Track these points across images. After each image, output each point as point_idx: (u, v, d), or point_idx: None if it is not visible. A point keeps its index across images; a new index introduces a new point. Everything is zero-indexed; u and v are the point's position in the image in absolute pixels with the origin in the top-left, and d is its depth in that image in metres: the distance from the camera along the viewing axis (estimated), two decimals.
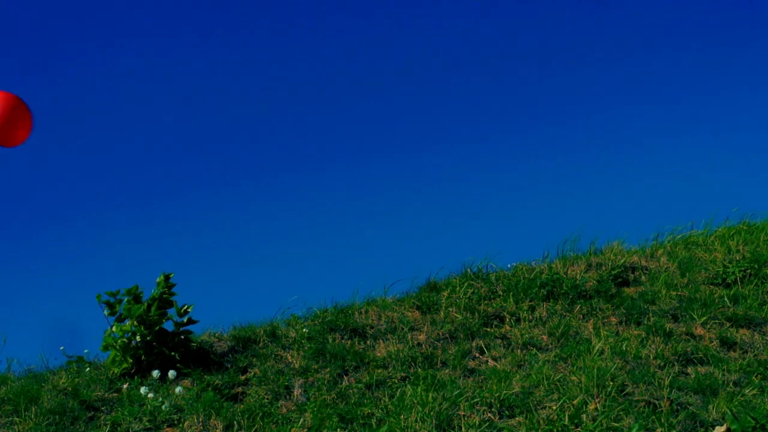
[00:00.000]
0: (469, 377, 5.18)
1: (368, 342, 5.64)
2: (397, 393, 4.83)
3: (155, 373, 5.04)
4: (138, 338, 5.19)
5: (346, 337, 5.68)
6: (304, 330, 5.68)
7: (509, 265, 6.76)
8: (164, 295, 5.33)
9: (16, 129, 6.04)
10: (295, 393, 5.00)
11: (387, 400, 4.78)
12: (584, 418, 4.53)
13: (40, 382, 5.13)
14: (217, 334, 5.78)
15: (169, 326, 5.36)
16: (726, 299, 6.17)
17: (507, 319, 5.92)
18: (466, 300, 6.11)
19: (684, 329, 5.78)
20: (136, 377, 5.13)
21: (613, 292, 6.30)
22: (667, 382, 4.97)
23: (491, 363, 5.37)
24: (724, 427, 4.40)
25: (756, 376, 5.19)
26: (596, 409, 4.63)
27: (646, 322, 5.83)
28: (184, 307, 5.39)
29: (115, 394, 5.01)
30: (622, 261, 6.73)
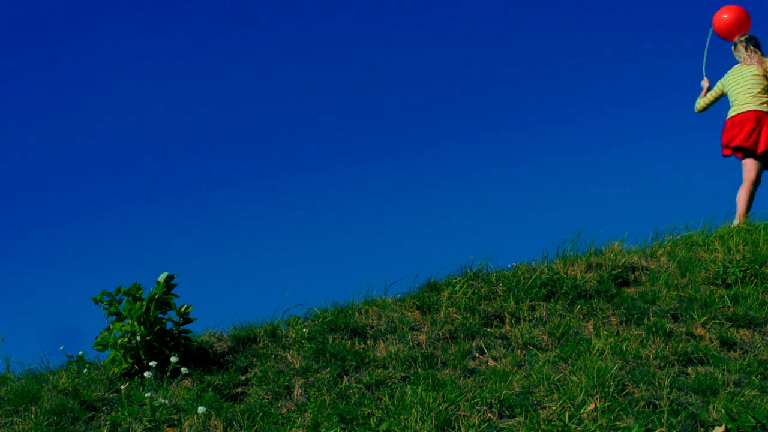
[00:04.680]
0: (469, 377, 5.18)
1: (368, 342, 5.64)
2: (397, 393, 4.83)
3: (150, 372, 5.04)
4: (138, 338, 5.19)
5: (346, 337, 5.68)
6: (304, 330, 5.68)
7: (509, 265, 6.75)
8: (163, 296, 5.32)
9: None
10: (295, 393, 5.00)
11: (387, 400, 4.78)
12: (584, 418, 4.53)
13: (40, 382, 5.13)
14: (217, 334, 5.78)
15: (168, 326, 5.36)
16: (726, 299, 6.16)
17: (507, 319, 5.92)
18: (467, 300, 6.11)
19: (684, 329, 5.77)
20: (136, 377, 5.13)
21: (613, 292, 6.30)
22: (667, 382, 4.96)
23: (491, 363, 5.37)
24: (723, 427, 4.40)
25: (756, 376, 5.19)
26: (596, 409, 4.63)
27: (646, 322, 5.82)
28: (183, 308, 5.39)
29: (115, 394, 5.01)
30: (622, 261, 6.73)
